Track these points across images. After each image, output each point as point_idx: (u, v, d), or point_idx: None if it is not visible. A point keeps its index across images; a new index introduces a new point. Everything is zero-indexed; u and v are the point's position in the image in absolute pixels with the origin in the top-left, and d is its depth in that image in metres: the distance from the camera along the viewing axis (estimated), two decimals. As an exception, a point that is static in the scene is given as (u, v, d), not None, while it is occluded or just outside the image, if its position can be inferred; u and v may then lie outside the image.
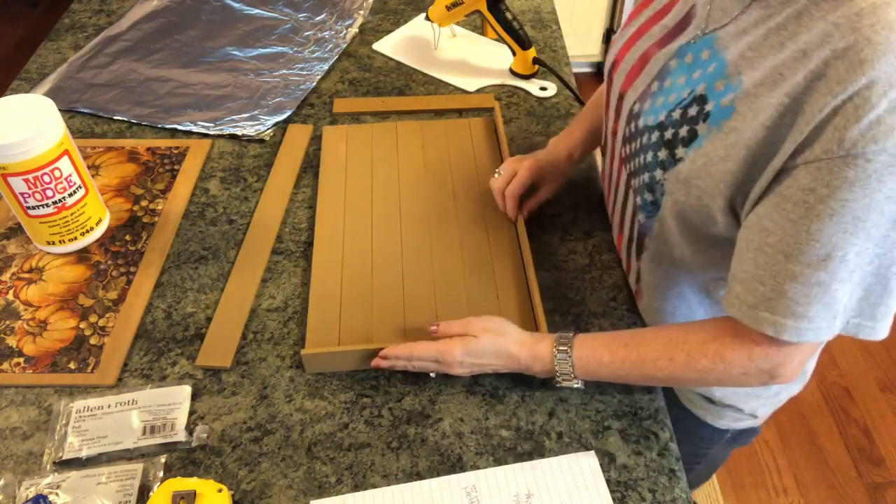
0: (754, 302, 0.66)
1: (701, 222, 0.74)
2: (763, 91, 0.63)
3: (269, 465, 0.76)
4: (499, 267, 0.93)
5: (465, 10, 1.22)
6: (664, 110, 0.74)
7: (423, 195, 1.03)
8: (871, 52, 0.55)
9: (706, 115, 0.69)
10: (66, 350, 0.86)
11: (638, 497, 0.74)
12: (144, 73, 1.26)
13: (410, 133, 1.13)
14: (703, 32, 0.72)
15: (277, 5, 1.42)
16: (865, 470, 1.78)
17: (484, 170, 1.06)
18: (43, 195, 0.90)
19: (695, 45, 0.73)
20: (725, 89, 0.67)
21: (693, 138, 0.70)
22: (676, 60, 0.75)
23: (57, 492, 0.73)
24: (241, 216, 1.02)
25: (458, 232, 0.97)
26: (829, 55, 0.58)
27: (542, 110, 1.19)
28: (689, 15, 0.75)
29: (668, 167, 0.73)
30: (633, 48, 0.82)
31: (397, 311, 0.88)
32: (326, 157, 1.09)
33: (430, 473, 0.75)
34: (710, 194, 0.70)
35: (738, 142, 0.65)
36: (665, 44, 0.77)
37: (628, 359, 0.75)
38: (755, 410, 0.96)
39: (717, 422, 0.98)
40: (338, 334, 0.86)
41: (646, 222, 0.82)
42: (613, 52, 0.87)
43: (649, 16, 0.82)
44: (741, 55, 0.66)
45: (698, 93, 0.70)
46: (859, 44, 0.56)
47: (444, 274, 0.92)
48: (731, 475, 1.78)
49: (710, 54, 0.70)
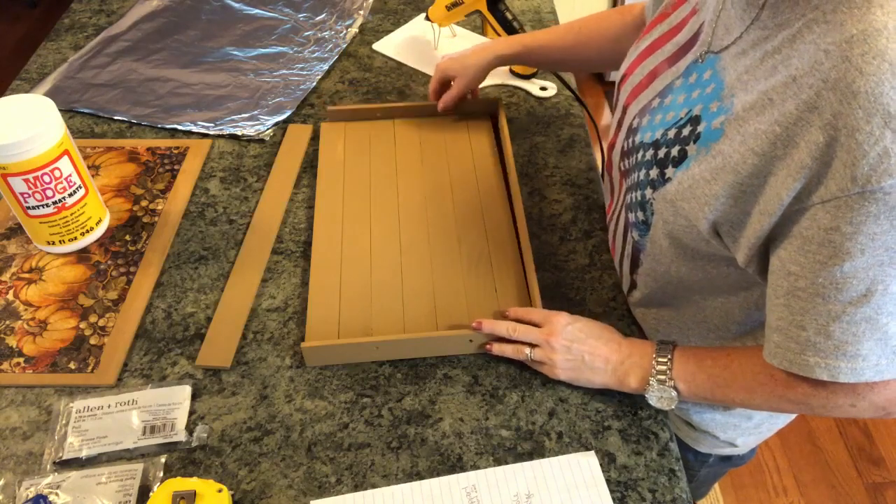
0: (799, 349, 0.64)
1: (692, 242, 0.73)
2: (752, 115, 0.62)
3: (269, 465, 0.76)
4: (497, 262, 0.93)
5: (465, 10, 1.21)
6: (661, 128, 0.73)
7: (421, 191, 1.03)
8: (863, 83, 0.53)
9: (697, 136, 0.68)
10: (66, 350, 0.86)
11: (638, 497, 0.74)
12: (144, 73, 1.26)
13: (408, 131, 1.13)
14: (708, 52, 0.71)
15: (277, 5, 1.42)
16: (865, 470, 1.78)
17: (481, 167, 1.06)
18: (43, 195, 0.90)
19: (700, 65, 0.71)
20: (718, 111, 0.66)
21: (683, 159, 0.69)
22: (682, 79, 0.73)
23: (57, 492, 0.73)
24: (241, 216, 1.02)
25: (456, 227, 0.98)
26: (821, 85, 0.56)
27: (542, 110, 1.19)
28: (698, 33, 0.73)
29: (657, 187, 0.73)
30: (644, 63, 0.81)
31: (396, 306, 0.89)
32: (324, 154, 1.09)
33: (430, 473, 0.75)
34: (695, 217, 0.68)
35: (726, 165, 0.64)
36: (674, 62, 0.76)
37: (730, 367, 0.73)
38: (733, 439, 0.95)
39: (697, 446, 0.97)
40: (337, 328, 0.86)
41: (639, 240, 0.81)
42: (625, 65, 0.86)
43: (664, 31, 0.80)
44: (738, 78, 0.65)
45: (694, 113, 0.69)
46: (850, 74, 0.54)
47: (442, 269, 0.93)
48: (731, 475, 1.78)
49: (711, 75, 0.69)
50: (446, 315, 0.88)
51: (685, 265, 0.77)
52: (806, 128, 0.57)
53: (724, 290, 0.78)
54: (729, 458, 1.01)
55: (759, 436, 0.97)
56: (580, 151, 1.11)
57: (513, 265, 0.93)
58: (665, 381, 0.75)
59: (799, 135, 0.58)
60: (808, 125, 0.57)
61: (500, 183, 1.04)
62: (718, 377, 0.74)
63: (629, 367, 0.78)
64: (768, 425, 0.94)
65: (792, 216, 0.61)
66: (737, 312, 0.80)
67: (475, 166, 1.07)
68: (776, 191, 0.60)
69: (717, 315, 0.82)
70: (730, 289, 0.78)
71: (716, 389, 0.74)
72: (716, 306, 0.81)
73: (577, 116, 1.18)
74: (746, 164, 0.62)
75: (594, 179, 1.07)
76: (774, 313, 0.66)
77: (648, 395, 0.77)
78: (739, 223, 0.66)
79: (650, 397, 0.77)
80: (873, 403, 0.66)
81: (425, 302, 0.89)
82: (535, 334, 0.80)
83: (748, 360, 0.72)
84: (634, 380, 0.78)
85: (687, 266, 0.77)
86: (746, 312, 0.79)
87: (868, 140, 0.53)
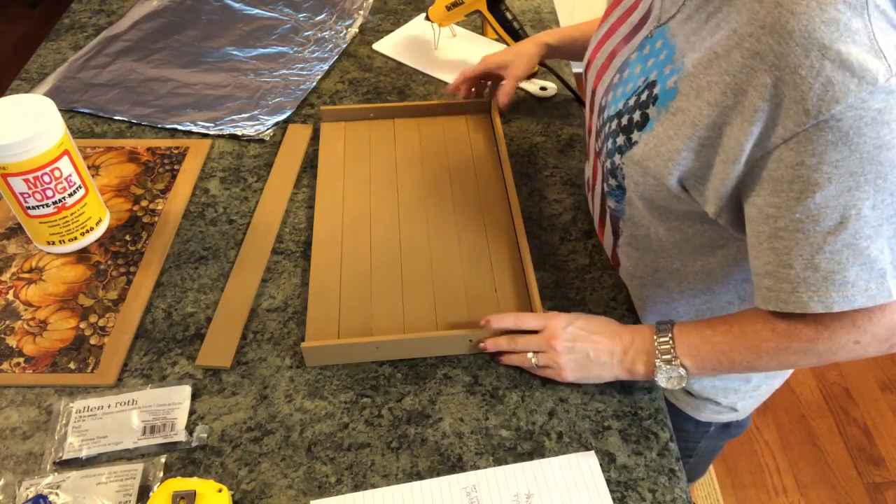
0: (791, 288, 0.66)
1: (664, 201, 0.75)
2: (701, 70, 0.65)
3: (269, 465, 0.76)
4: (497, 262, 0.93)
5: (465, 10, 1.22)
6: (623, 99, 0.76)
7: (421, 191, 1.03)
8: (795, 22, 0.57)
9: (654, 98, 0.71)
10: (66, 350, 0.86)
11: (638, 497, 0.74)
12: (144, 73, 1.26)
13: (408, 130, 1.13)
14: (658, 24, 0.74)
15: (277, 5, 1.42)
16: (865, 470, 1.78)
17: (482, 167, 1.07)
18: (43, 195, 0.90)
19: (651, 37, 0.75)
20: (670, 73, 0.69)
21: (645, 122, 0.72)
22: (636, 53, 0.76)
23: (57, 492, 0.73)
24: (241, 216, 1.02)
25: (456, 227, 0.98)
26: (759, 32, 0.59)
27: (542, 110, 1.19)
28: (649, 10, 0.77)
29: (624, 151, 0.75)
30: (604, 47, 0.84)
31: (396, 306, 0.89)
32: (324, 154, 1.09)
33: (430, 473, 0.75)
34: (661, 174, 0.71)
35: (685, 120, 0.67)
36: (629, 40, 0.79)
37: (731, 332, 0.73)
38: (734, 404, 0.96)
39: (698, 415, 0.99)
40: (337, 328, 0.87)
41: (616, 206, 0.83)
42: (589, 51, 0.89)
43: (619, 15, 0.84)
44: (686, 40, 0.68)
45: (651, 80, 0.72)
46: (783, 17, 0.57)
47: (442, 269, 0.93)
48: (731, 475, 1.78)
49: (662, 43, 0.72)
50: (446, 315, 0.88)
51: (662, 226, 0.79)
52: (752, 73, 0.61)
53: (702, 250, 0.80)
54: (728, 426, 1.02)
55: (759, 398, 0.98)
56: (580, 151, 1.11)
57: (513, 265, 0.93)
58: (671, 360, 0.75)
59: (746, 81, 0.61)
60: (753, 71, 0.60)
61: (500, 182, 1.04)
62: (722, 344, 0.74)
63: (634, 354, 0.78)
64: (766, 386, 0.96)
65: (758, 162, 0.63)
66: (717, 273, 0.82)
67: (475, 166, 1.07)
68: (736, 138, 0.63)
69: (699, 279, 0.83)
70: (707, 248, 0.80)
71: (721, 358, 0.74)
72: (696, 270, 0.83)
73: (577, 116, 1.18)
74: (703, 116, 0.65)
75: (594, 179, 1.07)
76: (761, 259, 0.67)
77: (658, 378, 0.76)
78: (703, 175, 0.69)
79: (660, 379, 0.76)
80: (876, 336, 0.67)
81: (425, 302, 0.89)
82: (535, 342, 0.80)
83: (747, 321, 0.73)
84: (641, 366, 0.77)
85: (664, 227, 0.79)
86: (727, 271, 0.81)
87: (810, 73, 0.57)
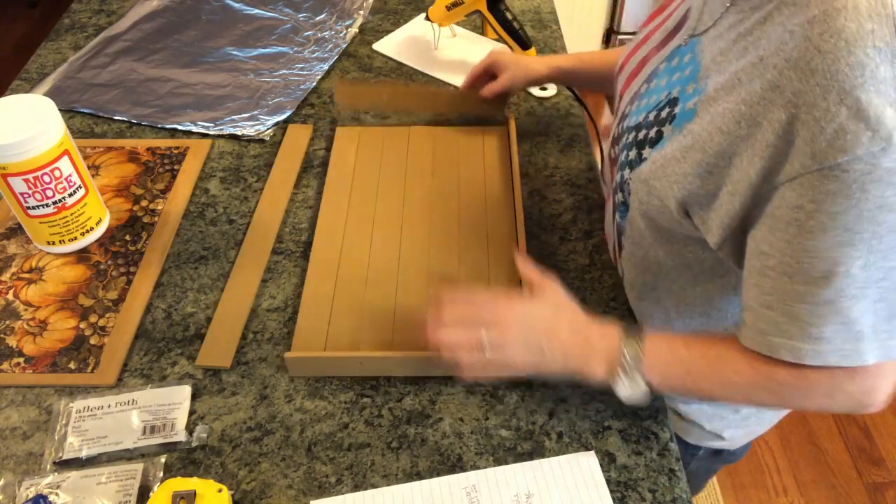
0: (766, 329, 0.64)
1: (665, 223, 0.73)
2: (722, 95, 0.63)
3: (269, 465, 0.76)
4: (495, 280, 0.91)
5: (465, 10, 1.22)
6: (644, 112, 0.74)
7: (427, 203, 1.01)
8: (820, 60, 0.54)
9: (672, 118, 0.69)
10: (66, 350, 0.86)
11: (638, 497, 0.74)
12: (144, 73, 1.26)
13: (422, 138, 1.11)
14: (691, 36, 0.72)
15: (277, 5, 1.42)
16: (865, 470, 1.78)
17: (492, 182, 1.04)
18: (43, 195, 0.90)
19: (683, 48, 0.73)
20: (693, 93, 0.67)
21: (658, 140, 0.70)
22: (665, 63, 0.75)
23: (57, 492, 0.73)
24: (241, 216, 1.02)
25: (458, 244, 0.96)
26: (784, 65, 0.57)
27: (542, 110, 1.19)
28: (684, 18, 0.75)
29: (634, 167, 0.74)
30: (637, 52, 0.82)
31: (387, 324, 0.87)
32: (336, 158, 1.08)
33: (430, 473, 0.75)
34: (665, 196, 0.69)
35: (695, 144, 0.65)
36: (662, 47, 0.77)
37: (706, 356, 0.69)
38: (719, 431, 0.94)
39: (686, 436, 0.96)
40: (325, 340, 0.85)
41: (620, 222, 0.82)
42: (622, 56, 0.87)
43: (658, 21, 0.82)
44: (713, 59, 0.67)
45: (672, 96, 0.71)
46: (809, 53, 0.55)
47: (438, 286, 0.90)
48: (731, 475, 1.78)
49: (690, 58, 0.71)
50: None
51: (662, 248, 0.78)
52: (769, 107, 0.59)
53: (702, 277, 0.79)
54: (720, 452, 1.00)
55: (748, 429, 0.95)
56: (580, 151, 1.11)
57: (512, 284, 0.91)
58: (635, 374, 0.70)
59: (762, 114, 0.59)
60: (770, 104, 0.58)
61: (509, 197, 1.02)
62: (691, 365, 0.69)
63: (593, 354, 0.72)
64: (756, 419, 0.94)
65: (764, 196, 0.62)
66: (717, 299, 0.80)
67: (485, 178, 1.05)
68: (744, 171, 0.62)
69: (697, 304, 0.82)
70: (706, 276, 0.78)
71: (686, 378, 0.70)
72: (696, 294, 0.81)
73: (577, 116, 1.18)
74: (713, 143, 0.63)
75: (594, 179, 1.07)
76: (748, 293, 0.66)
77: (616, 389, 0.72)
78: (707, 203, 0.67)
79: (618, 391, 0.72)
80: (850, 395, 0.65)
81: (416, 323, 0.87)
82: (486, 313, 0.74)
83: (728, 349, 0.68)
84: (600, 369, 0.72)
85: (664, 249, 0.78)
86: (727, 299, 0.80)
87: (825, 116, 0.55)
